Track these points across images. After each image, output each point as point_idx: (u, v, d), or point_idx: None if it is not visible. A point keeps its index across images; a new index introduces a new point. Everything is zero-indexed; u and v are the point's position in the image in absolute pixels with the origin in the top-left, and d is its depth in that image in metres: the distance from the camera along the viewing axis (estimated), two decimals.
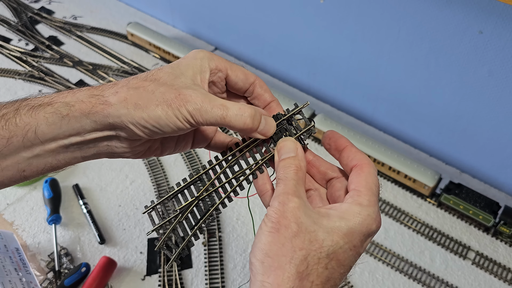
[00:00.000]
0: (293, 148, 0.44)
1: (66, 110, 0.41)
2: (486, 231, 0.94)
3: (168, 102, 0.40)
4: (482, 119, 0.95)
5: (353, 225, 0.38)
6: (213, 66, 0.45)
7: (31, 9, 1.46)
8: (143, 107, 0.40)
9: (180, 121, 0.40)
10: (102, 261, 0.82)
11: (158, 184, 0.99)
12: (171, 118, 0.40)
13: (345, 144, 0.46)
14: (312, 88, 1.22)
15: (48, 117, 0.41)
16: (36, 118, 0.41)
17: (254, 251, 0.38)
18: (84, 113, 0.41)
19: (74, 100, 0.41)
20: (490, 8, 0.80)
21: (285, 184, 0.40)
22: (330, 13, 1.03)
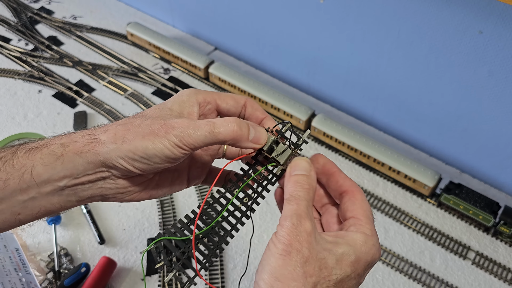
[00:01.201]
0: (307, 168, 0.44)
1: (61, 150, 0.42)
2: (486, 231, 0.94)
3: (155, 132, 0.40)
4: (482, 119, 0.95)
5: (360, 254, 0.39)
6: (200, 100, 0.45)
7: (31, 9, 1.46)
8: (131, 140, 0.40)
9: (168, 148, 0.40)
10: (102, 261, 0.82)
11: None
12: (158, 146, 0.40)
13: (333, 169, 0.45)
14: (312, 88, 1.22)
15: (43, 158, 0.41)
16: (33, 160, 0.42)
17: (261, 273, 0.37)
18: (77, 153, 0.41)
19: (68, 141, 0.42)
20: (490, 8, 0.80)
21: (298, 204, 0.40)
22: (330, 13, 1.03)
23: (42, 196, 0.42)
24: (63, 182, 0.42)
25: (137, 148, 0.40)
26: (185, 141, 0.40)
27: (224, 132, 0.41)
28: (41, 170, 0.41)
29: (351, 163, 1.05)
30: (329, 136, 1.06)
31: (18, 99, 1.17)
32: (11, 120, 1.11)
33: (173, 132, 0.40)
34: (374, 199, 0.98)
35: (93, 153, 0.41)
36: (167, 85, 1.23)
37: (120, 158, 0.41)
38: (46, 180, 0.42)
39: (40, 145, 0.43)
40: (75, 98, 1.18)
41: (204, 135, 0.40)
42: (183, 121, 0.41)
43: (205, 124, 0.41)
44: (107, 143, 0.41)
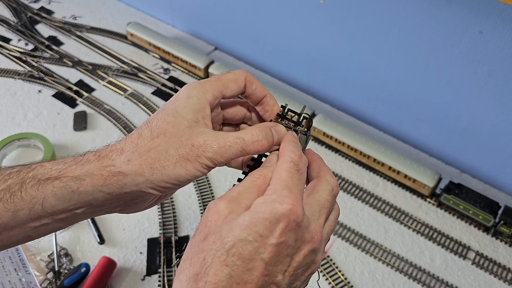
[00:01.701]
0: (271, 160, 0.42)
1: (76, 184, 0.40)
2: (486, 231, 0.93)
3: (185, 157, 0.39)
4: (482, 119, 0.95)
5: (255, 214, 0.35)
6: (210, 98, 0.43)
7: (31, 9, 1.46)
8: (161, 170, 0.39)
9: (200, 170, 0.39)
10: (101, 261, 0.82)
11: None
12: (191, 171, 0.39)
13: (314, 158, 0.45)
14: (312, 88, 1.22)
15: (56, 192, 0.40)
16: (43, 192, 0.40)
17: None
18: (97, 187, 0.39)
19: (83, 173, 0.40)
20: (490, 8, 0.80)
21: (232, 190, 0.38)
22: (330, 13, 1.03)
23: (56, 221, 0.41)
24: (80, 210, 0.41)
25: (170, 177, 0.39)
26: (217, 161, 0.39)
27: (254, 149, 0.40)
28: (53, 202, 0.40)
29: (351, 163, 1.05)
30: (329, 136, 1.06)
31: (18, 99, 1.17)
32: (11, 120, 1.11)
33: (205, 154, 0.39)
34: (374, 199, 0.98)
35: (117, 186, 0.39)
36: (167, 85, 1.23)
37: (150, 188, 0.40)
38: (60, 210, 0.41)
39: (51, 176, 0.40)
40: (75, 98, 1.18)
41: (235, 154, 0.40)
42: (211, 140, 0.39)
43: (235, 142, 0.40)
44: (133, 176, 0.39)
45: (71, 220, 0.42)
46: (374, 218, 0.95)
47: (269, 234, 0.34)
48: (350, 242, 0.91)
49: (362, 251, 0.90)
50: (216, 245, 0.34)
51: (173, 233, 0.91)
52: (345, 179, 1.02)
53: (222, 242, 0.34)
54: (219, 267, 0.34)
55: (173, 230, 0.91)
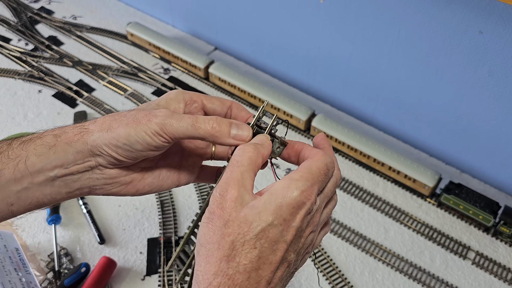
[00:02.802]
0: (262, 139, 0.45)
1: (53, 141, 0.44)
2: (486, 231, 0.94)
3: (138, 120, 0.42)
4: (482, 119, 0.95)
5: (281, 199, 0.38)
6: (187, 98, 0.47)
7: (31, 9, 1.46)
8: (115, 128, 0.42)
9: (149, 136, 0.42)
10: (102, 261, 0.82)
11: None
12: (140, 133, 0.42)
13: (302, 146, 0.46)
14: (312, 88, 1.22)
15: (37, 149, 0.43)
16: (27, 150, 0.43)
17: None
18: (68, 142, 0.43)
19: (60, 132, 0.44)
20: (490, 8, 0.80)
21: (231, 172, 0.40)
22: (330, 13, 1.03)
23: (35, 186, 0.44)
24: (54, 172, 0.44)
25: (120, 135, 0.42)
26: (166, 130, 0.42)
27: (204, 127, 0.42)
28: (35, 160, 0.43)
29: (351, 163, 1.05)
30: (329, 136, 1.06)
31: (18, 99, 1.17)
32: (11, 120, 1.11)
33: (155, 120, 0.42)
34: (374, 199, 0.98)
35: (82, 142, 0.43)
36: (167, 85, 1.23)
37: (104, 145, 0.43)
38: (39, 169, 0.43)
39: (34, 137, 0.44)
40: (75, 98, 1.18)
41: (185, 127, 0.42)
42: (167, 111, 0.43)
43: (188, 117, 0.42)
44: (94, 131, 0.43)
45: (47, 191, 0.45)
46: (374, 218, 0.95)
47: (292, 218, 0.38)
48: (350, 242, 0.91)
49: (362, 251, 0.90)
50: (243, 229, 0.37)
51: (173, 233, 0.91)
52: (345, 179, 1.02)
53: (250, 227, 0.37)
54: (249, 249, 0.37)
55: (173, 230, 0.91)
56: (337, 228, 0.93)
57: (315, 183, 0.40)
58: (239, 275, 0.36)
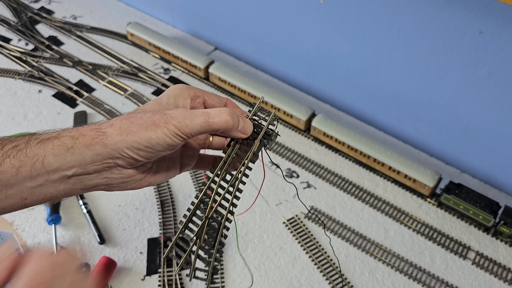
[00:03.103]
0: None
1: (71, 142, 0.45)
2: (486, 231, 0.94)
3: (156, 123, 0.45)
4: (482, 119, 0.95)
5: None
6: (192, 94, 0.50)
7: (31, 9, 1.46)
8: (135, 132, 0.45)
9: (169, 137, 0.45)
10: (102, 261, 0.82)
11: (158, 184, 0.99)
12: (160, 136, 0.45)
13: None
14: (312, 88, 1.22)
15: (54, 149, 0.45)
16: (44, 149, 0.45)
17: None
18: (86, 145, 0.45)
19: (78, 134, 0.46)
20: (490, 8, 0.80)
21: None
22: (330, 13, 1.03)
23: (50, 183, 0.46)
24: (71, 171, 0.45)
25: (142, 138, 0.44)
26: (183, 130, 0.45)
27: (218, 121, 0.46)
28: (52, 159, 0.45)
29: (351, 163, 1.05)
30: (329, 136, 1.06)
31: (18, 99, 1.17)
32: (11, 120, 1.11)
33: (172, 122, 0.45)
34: (374, 199, 0.98)
35: (101, 145, 0.45)
36: (167, 85, 1.23)
37: (126, 148, 0.45)
38: (55, 169, 0.45)
39: (51, 136, 0.46)
40: (75, 98, 1.18)
41: (200, 125, 0.45)
42: (180, 112, 0.45)
43: (201, 115, 0.46)
44: (113, 135, 0.45)
45: (62, 187, 0.46)
46: (374, 218, 0.95)
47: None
48: (350, 242, 0.91)
49: (362, 251, 0.90)
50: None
51: (173, 233, 0.91)
52: (345, 179, 1.02)
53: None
54: None
55: (173, 230, 0.91)
56: (337, 228, 0.93)
57: None
58: None
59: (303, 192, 0.99)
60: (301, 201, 0.98)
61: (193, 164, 0.55)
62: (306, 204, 0.98)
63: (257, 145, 0.50)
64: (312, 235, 0.91)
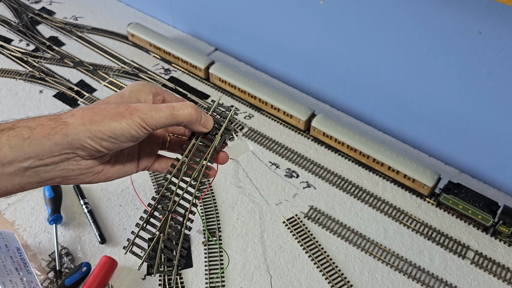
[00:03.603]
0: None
1: (27, 133, 0.43)
2: (485, 231, 0.94)
3: (121, 114, 0.45)
4: (481, 119, 0.95)
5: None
6: (154, 91, 0.51)
7: (32, 10, 1.47)
8: (99, 122, 0.44)
9: (134, 129, 0.45)
10: (102, 261, 0.83)
11: (158, 184, 0.99)
12: (125, 127, 0.45)
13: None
14: (312, 88, 1.23)
15: (10, 140, 0.43)
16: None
17: None
18: (45, 135, 0.43)
19: (35, 124, 0.44)
20: (489, 9, 0.80)
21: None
22: (330, 13, 1.03)
23: (4, 176, 0.44)
24: (27, 162, 0.44)
25: (106, 128, 0.44)
26: (148, 122, 0.45)
27: (182, 114, 0.47)
28: (7, 151, 0.43)
29: (351, 163, 1.06)
30: (328, 136, 1.06)
31: (19, 99, 1.17)
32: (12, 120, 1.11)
33: (137, 114, 0.45)
34: (373, 199, 0.99)
35: (61, 135, 0.44)
36: (167, 85, 1.23)
37: (89, 138, 0.44)
38: (11, 161, 0.43)
39: (6, 127, 0.44)
40: (76, 99, 1.18)
41: (165, 117, 0.46)
42: (145, 105, 0.46)
43: (166, 107, 0.46)
44: (75, 125, 0.44)
45: (17, 181, 0.44)
46: (373, 217, 0.96)
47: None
48: (349, 242, 0.91)
49: (361, 251, 0.90)
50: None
51: None
52: (344, 179, 1.02)
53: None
54: None
55: None
56: (336, 228, 0.93)
57: None
58: None
59: (303, 192, 1.00)
60: None
61: (151, 163, 0.55)
62: (305, 204, 0.98)
63: (218, 139, 0.51)
64: (312, 235, 0.92)
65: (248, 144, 1.09)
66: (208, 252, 0.88)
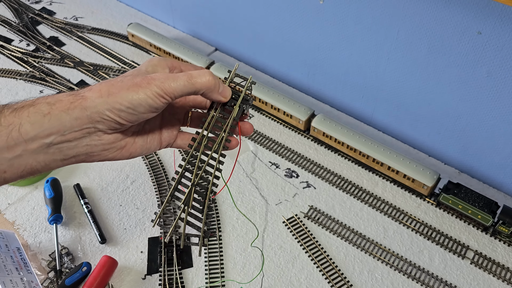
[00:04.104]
0: None
1: (47, 109, 0.44)
2: (484, 231, 0.94)
3: (138, 84, 0.44)
4: (481, 119, 0.95)
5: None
6: (170, 64, 0.50)
7: (32, 10, 1.47)
8: (116, 93, 0.44)
9: (151, 98, 0.44)
10: (103, 261, 0.83)
11: (158, 184, 1.00)
12: (143, 97, 0.44)
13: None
14: (312, 88, 1.23)
15: (30, 116, 0.43)
16: (20, 118, 0.43)
17: None
18: (64, 110, 0.44)
19: (54, 100, 0.44)
20: (489, 9, 0.80)
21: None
22: (330, 13, 1.03)
23: (29, 153, 0.44)
24: (49, 139, 0.44)
25: (123, 99, 0.44)
26: (166, 91, 0.45)
27: (200, 81, 0.46)
28: (28, 127, 0.43)
29: (351, 163, 1.06)
30: (328, 136, 1.06)
31: (20, 99, 1.17)
32: None
33: (155, 82, 0.44)
34: (373, 199, 0.99)
35: (80, 109, 0.44)
36: None
37: (107, 110, 0.44)
38: (33, 137, 0.43)
39: (26, 104, 0.44)
40: None
41: (183, 84, 0.45)
42: (162, 74, 0.46)
43: (183, 75, 0.46)
44: (93, 98, 0.44)
45: (41, 157, 0.45)
46: (373, 217, 0.96)
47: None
48: (349, 242, 0.92)
49: (361, 251, 0.90)
50: None
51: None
52: (344, 179, 1.03)
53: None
54: None
55: None
56: (336, 228, 0.94)
57: None
58: None
59: (303, 192, 1.00)
60: None
61: (173, 140, 0.55)
62: (305, 204, 0.98)
63: (236, 110, 0.51)
64: (311, 235, 0.92)
65: (248, 144, 1.09)
66: (208, 252, 0.88)
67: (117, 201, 0.97)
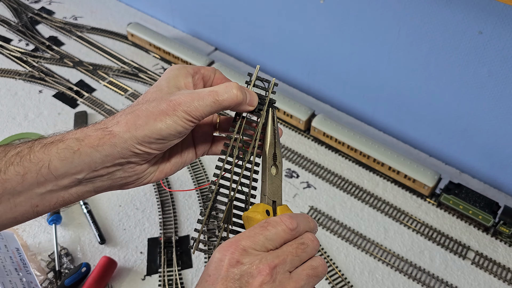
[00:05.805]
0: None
1: (76, 145, 0.43)
2: (485, 231, 0.94)
3: (164, 112, 0.42)
4: (482, 119, 0.95)
5: None
6: (191, 71, 0.48)
7: (32, 10, 1.46)
8: (143, 125, 0.43)
9: (179, 124, 0.43)
10: (102, 261, 0.83)
11: (158, 184, 0.99)
12: (171, 125, 0.43)
13: None
14: (312, 88, 1.23)
15: (60, 153, 0.43)
16: (49, 154, 0.43)
17: None
18: (93, 146, 0.43)
19: (83, 135, 0.44)
20: (490, 9, 0.80)
21: None
22: (330, 13, 1.03)
23: (60, 188, 0.44)
24: (81, 174, 0.44)
25: (152, 131, 0.42)
26: (193, 114, 0.43)
27: (227, 98, 0.44)
28: (58, 164, 0.43)
29: (351, 163, 1.06)
30: (329, 136, 1.06)
31: (19, 99, 1.17)
32: (11, 120, 1.11)
33: (180, 108, 0.42)
34: (374, 199, 0.99)
35: (110, 145, 0.43)
36: None
37: (137, 144, 0.43)
38: (63, 173, 0.43)
39: (55, 140, 0.44)
40: (75, 98, 1.18)
41: (210, 105, 0.43)
42: (186, 96, 0.43)
43: (208, 94, 0.43)
44: (121, 133, 0.43)
45: (73, 190, 0.45)
46: (374, 218, 0.96)
47: (216, 272, 0.39)
48: (350, 242, 0.91)
49: (362, 251, 0.90)
50: None
51: (173, 233, 0.91)
52: (345, 179, 1.02)
53: None
54: None
55: (173, 230, 0.91)
56: (337, 228, 0.93)
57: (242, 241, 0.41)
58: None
59: (303, 192, 1.00)
60: None
61: (208, 147, 0.53)
62: (306, 204, 0.98)
63: (264, 115, 0.48)
64: None
65: None
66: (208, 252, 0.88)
67: (116, 201, 0.96)
